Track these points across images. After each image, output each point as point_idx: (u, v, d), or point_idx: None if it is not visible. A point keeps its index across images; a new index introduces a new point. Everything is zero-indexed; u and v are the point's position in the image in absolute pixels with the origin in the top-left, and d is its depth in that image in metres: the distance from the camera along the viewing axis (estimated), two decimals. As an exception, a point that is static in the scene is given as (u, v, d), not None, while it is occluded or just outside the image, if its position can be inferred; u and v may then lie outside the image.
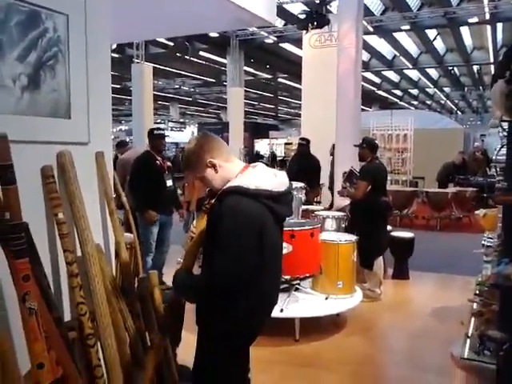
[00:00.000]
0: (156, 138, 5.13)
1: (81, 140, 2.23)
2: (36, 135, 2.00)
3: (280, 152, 22.63)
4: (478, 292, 2.86)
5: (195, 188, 6.26)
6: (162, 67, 18.98)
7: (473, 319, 2.55)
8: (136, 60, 15.46)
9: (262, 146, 25.44)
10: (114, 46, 13.45)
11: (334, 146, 7.84)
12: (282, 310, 4.02)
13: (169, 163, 5.31)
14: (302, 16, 9.42)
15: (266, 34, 16.20)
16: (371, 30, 14.45)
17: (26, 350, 1.71)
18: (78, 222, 2.16)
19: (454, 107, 34.29)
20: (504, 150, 2.34)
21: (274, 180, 1.95)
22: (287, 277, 4.16)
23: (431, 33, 16.13)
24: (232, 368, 2.02)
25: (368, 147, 5.13)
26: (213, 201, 1.98)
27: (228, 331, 1.93)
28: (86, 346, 2.17)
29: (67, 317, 2.21)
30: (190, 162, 2.02)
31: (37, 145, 2.02)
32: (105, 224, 2.45)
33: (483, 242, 3.41)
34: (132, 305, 2.49)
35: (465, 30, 15.71)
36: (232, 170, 1.98)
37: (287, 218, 4.50)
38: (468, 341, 2.28)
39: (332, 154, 8.03)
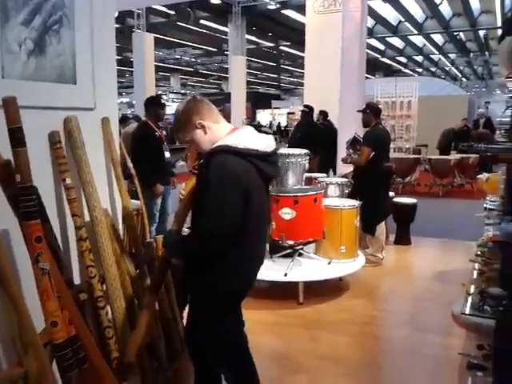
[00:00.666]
0: (159, 106, 5.09)
1: (87, 105, 2.25)
2: (43, 101, 2.02)
3: (283, 122, 22.54)
4: (479, 253, 2.91)
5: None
6: (163, 37, 18.72)
7: (474, 278, 2.61)
8: (137, 30, 15.25)
9: (264, 117, 25.28)
10: (116, 15, 13.25)
11: (320, 112, 7.98)
12: (285, 275, 4.10)
13: (164, 133, 5.30)
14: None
15: (268, 0, 15.90)
16: (376, -6, 14.15)
17: (40, 310, 1.77)
18: (86, 187, 2.20)
19: (458, 74, 33.80)
20: (509, 112, 2.34)
21: (262, 141, 2.02)
22: (291, 242, 4.23)
23: (438, -4, 15.81)
24: (222, 323, 2.11)
25: (372, 112, 5.12)
26: (201, 161, 2.06)
27: (214, 286, 2.01)
28: (96, 308, 2.24)
29: (77, 280, 2.27)
30: (180, 124, 2.08)
31: (44, 110, 2.04)
32: (111, 189, 2.49)
33: (485, 206, 3.45)
34: (140, 268, 2.55)
35: (472, -6, 15.38)
36: (221, 131, 2.04)
37: (291, 184, 4.55)
38: (469, 299, 2.34)
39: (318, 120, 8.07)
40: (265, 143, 2.02)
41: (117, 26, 16.15)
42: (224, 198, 1.87)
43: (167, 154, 5.12)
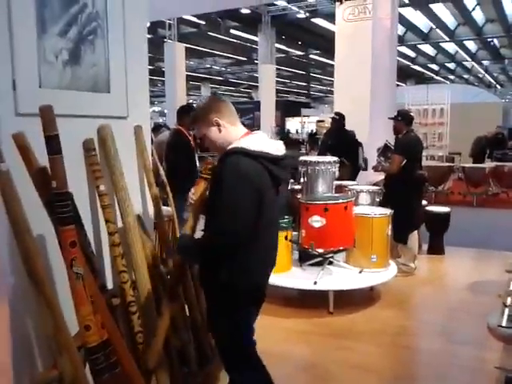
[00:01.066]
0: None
1: (120, 114, 2.30)
2: (78, 109, 2.07)
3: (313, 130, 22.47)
4: (516, 263, 2.83)
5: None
6: (193, 47, 18.98)
7: (510, 290, 2.53)
8: (168, 40, 15.51)
9: (293, 125, 25.25)
10: (148, 25, 13.52)
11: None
12: (315, 283, 4.06)
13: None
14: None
15: (297, 9, 15.94)
16: (406, 1, 14.03)
17: (74, 314, 1.81)
18: (119, 194, 2.24)
19: (492, 81, 33.09)
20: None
21: (273, 145, 2.06)
22: (320, 250, 4.19)
23: (470, 3, 15.52)
24: (230, 321, 2.11)
25: (403, 120, 5.05)
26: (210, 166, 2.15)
27: (225, 284, 2.02)
28: (128, 312, 2.27)
29: (110, 285, 2.31)
30: (197, 117, 2.15)
31: (79, 118, 2.09)
32: (144, 196, 2.53)
33: (522, 215, 3.34)
34: (171, 274, 2.57)
35: (506, -1, 15.05)
36: (235, 133, 2.09)
37: (321, 192, 4.52)
38: (505, 310, 2.27)
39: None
40: (275, 147, 2.06)
41: (149, 36, 16.41)
42: (237, 198, 1.90)
43: (197, 162, 5.18)
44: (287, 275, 4.32)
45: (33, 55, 1.86)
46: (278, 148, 2.07)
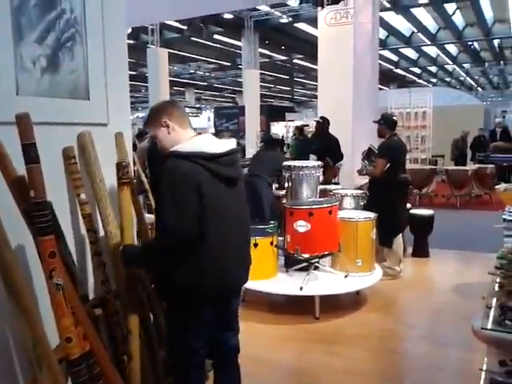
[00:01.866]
0: None
1: (100, 121, 2.27)
2: (57, 116, 2.04)
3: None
4: (499, 265, 2.84)
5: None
6: (176, 52, 18.94)
7: (494, 292, 2.55)
8: (151, 45, 15.46)
9: (278, 129, 25.30)
10: (129, 31, 13.46)
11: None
12: (301, 288, 4.05)
13: None
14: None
15: (280, 14, 16.00)
16: (388, 5, 14.16)
17: (55, 326, 1.77)
18: (100, 202, 2.21)
19: (474, 83, 33.56)
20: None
21: (213, 144, 2.08)
22: (306, 255, 4.19)
23: (450, 7, 15.74)
24: (182, 327, 2.10)
25: (386, 123, 5.08)
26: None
27: (178, 287, 2.03)
28: (111, 323, 2.23)
29: (92, 295, 2.27)
30: (149, 118, 2.21)
31: (58, 126, 2.06)
32: (126, 203, 2.49)
33: (504, 217, 3.37)
34: (155, 283, 2.54)
35: (485, 3, 15.27)
36: (182, 136, 2.12)
37: (305, 197, 4.51)
38: (490, 313, 2.28)
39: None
40: (217, 145, 2.08)
41: (131, 42, 16.44)
42: (173, 196, 1.94)
43: None
44: (273, 281, 4.31)
45: (10, 62, 1.82)
46: (219, 146, 2.09)
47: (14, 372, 1.89)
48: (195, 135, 2.16)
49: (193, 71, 25.85)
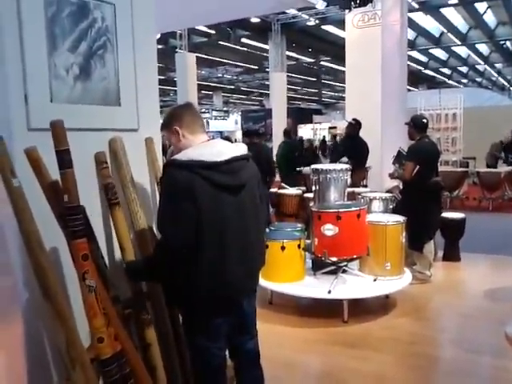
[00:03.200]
0: None
1: (131, 127, 2.32)
2: (89, 123, 2.09)
3: (326, 136, 22.44)
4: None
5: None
6: (204, 56, 19.12)
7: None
8: (179, 50, 15.65)
9: (305, 132, 25.25)
10: (158, 37, 13.67)
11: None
12: (329, 292, 4.03)
13: None
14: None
15: (307, 17, 15.98)
16: (416, 6, 13.99)
17: (87, 326, 1.82)
18: (131, 205, 2.25)
19: (506, 83, 32.78)
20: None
21: (220, 151, 2.02)
22: (334, 258, 4.17)
23: (481, 6, 15.43)
24: (195, 334, 2.11)
25: (415, 126, 5.01)
26: None
27: (182, 296, 2.05)
28: (141, 323, 2.27)
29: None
30: (163, 124, 2.21)
31: (90, 132, 2.11)
32: (156, 207, 2.53)
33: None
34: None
35: (517, 1, 14.94)
36: (192, 143, 2.09)
37: (333, 200, 4.48)
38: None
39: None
40: (220, 153, 2.01)
41: (160, 46, 16.68)
42: (171, 206, 1.94)
43: None
44: (301, 284, 4.30)
45: (44, 71, 1.89)
46: (224, 153, 2.02)
47: (48, 371, 1.95)
48: (204, 141, 2.11)
49: (220, 75, 26.05)
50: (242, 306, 2.19)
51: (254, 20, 15.61)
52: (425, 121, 5.19)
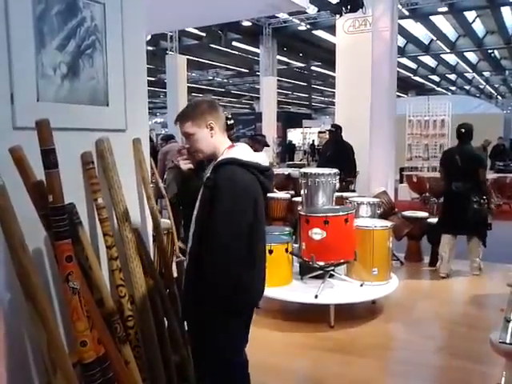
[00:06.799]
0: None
1: (118, 127, 2.29)
2: (76, 122, 2.06)
3: (316, 141, 22.55)
4: (518, 277, 2.79)
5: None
6: (195, 58, 19.11)
7: (513, 304, 2.50)
8: (170, 52, 15.62)
9: (295, 136, 25.32)
10: (149, 38, 13.62)
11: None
12: (316, 297, 4.03)
13: None
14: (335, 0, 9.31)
15: (298, 22, 16.07)
16: (406, 13, 14.11)
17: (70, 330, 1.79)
18: (117, 207, 2.23)
19: (493, 92, 33.19)
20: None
21: (259, 156, 2.05)
22: (321, 263, 4.16)
23: (470, 15, 15.62)
24: (216, 335, 2.03)
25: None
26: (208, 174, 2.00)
27: (233, 305, 1.96)
28: (125, 327, 2.24)
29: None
30: (192, 115, 2.04)
31: (76, 132, 2.08)
32: (142, 209, 2.51)
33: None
34: (169, 288, 2.55)
35: (506, 10, 15.11)
36: (223, 142, 2.07)
37: (321, 204, 4.49)
38: (509, 326, 2.23)
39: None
40: (262, 159, 2.05)
41: (150, 48, 16.62)
42: (238, 208, 1.88)
43: None
44: (288, 288, 4.29)
45: (31, 69, 1.86)
46: (263, 159, 2.07)
47: (29, 375, 1.91)
48: (233, 145, 2.09)
49: (211, 78, 26.07)
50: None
51: (246, 23, 15.65)
52: (462, 130, 5.61)
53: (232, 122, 4.10)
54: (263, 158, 2.08)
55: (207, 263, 1.93)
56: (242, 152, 2.00)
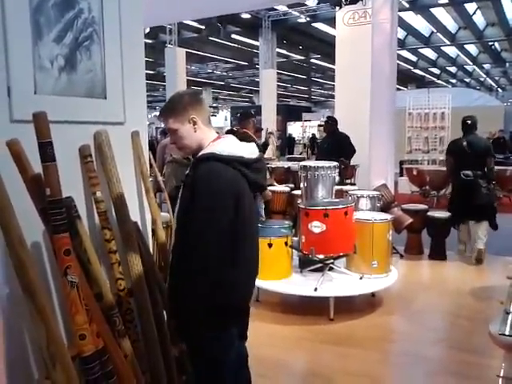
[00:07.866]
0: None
1: (117, 120, 2.27)
2: (74, 115, 2.04)
3: (317, 134, 22.50)
4: (518, 270, 2.80)
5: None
6: (194, 51, 19.03)
7: (512, 296, 2.50)
8: (169, 45, 15.55)
9: (294, 129, 25.26)
10: (147, 31, 13.56)
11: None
12: (315, 289, 4.03)
13: None
14: (335, -9, 9.27)
15: (298, 14, 15.98)
16: (407, 5, 14.04)
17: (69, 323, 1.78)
18: (115, 200, 2.22)
19: (494, 84, 33.10)
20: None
21: (245, 148, 1.96)
22: (321, 256, 4.17)
23: (470, 7, 15.54)
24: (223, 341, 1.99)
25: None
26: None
27: (215, 303, 1.89)
28: (124, 320, 2.24)
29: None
30: (173, 110, 1.99)
31: (74, 125, 2.07)
32: (141, 202, 2.50)
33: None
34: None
35: (506, 2, 15.03)
36: (208, 135, 1.99)
37: (320, 197, 4.48)
38: (509, 318, 2.23)
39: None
40: (249, 150, 1.96)
41: (149, 41, 16.55)
42: (215, 204, 1.80)
43: None
44: (287, 281, 4.30)
45: (28, 62, 1.84)
46: (250, 151, 1.97)
47: (29, 369, 1.91)
48: (219, 137, 2.02)
49: (210, 71, 25.98)
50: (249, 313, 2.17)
51: (245, 16, 15.58)
52: (468, 122, 5.75)
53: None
54: (250, 149, 1.98)
55: (188, 260, 1.87)
56: (226, 145, 1.92)
